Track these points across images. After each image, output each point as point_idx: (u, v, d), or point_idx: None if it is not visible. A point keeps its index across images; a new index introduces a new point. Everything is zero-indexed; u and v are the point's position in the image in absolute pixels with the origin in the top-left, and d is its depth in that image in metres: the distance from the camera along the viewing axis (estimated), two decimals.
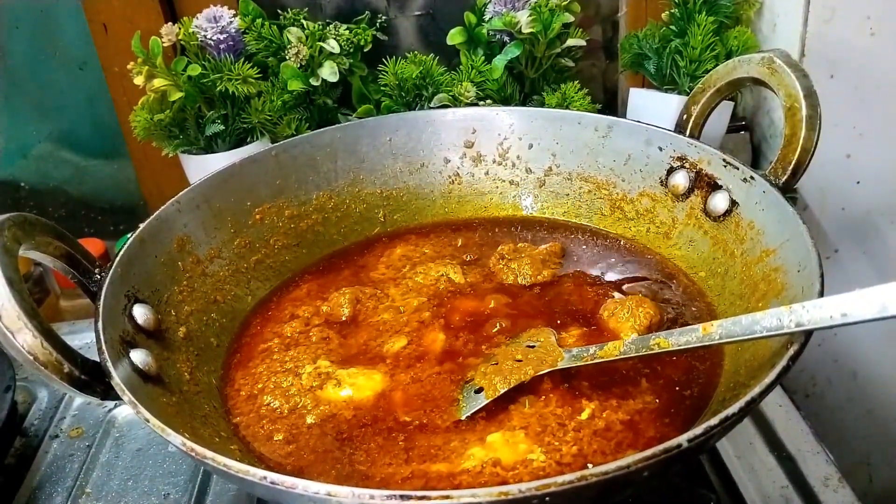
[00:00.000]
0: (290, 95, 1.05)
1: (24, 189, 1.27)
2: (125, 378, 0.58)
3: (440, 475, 0.59)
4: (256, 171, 0.86)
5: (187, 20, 1.02)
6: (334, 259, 0.89)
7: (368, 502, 0.45)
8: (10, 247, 0.58)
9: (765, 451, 0.77)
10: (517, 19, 1.02)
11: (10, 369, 0.84)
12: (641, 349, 0.61)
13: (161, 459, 0.81)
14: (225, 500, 0.76)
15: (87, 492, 0.78)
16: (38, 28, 1.17)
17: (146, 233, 0.73)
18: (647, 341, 0.61)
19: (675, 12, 1.08)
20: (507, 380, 0.65)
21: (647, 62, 1.11)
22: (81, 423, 0.87)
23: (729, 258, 0.75)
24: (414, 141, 0.93)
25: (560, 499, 0.45)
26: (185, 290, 0.75)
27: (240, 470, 0.48)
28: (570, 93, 1.05)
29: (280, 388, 0.69)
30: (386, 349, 0.73)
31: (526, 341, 0.70)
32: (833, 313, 0.50)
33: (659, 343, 0.60)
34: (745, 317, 0.55)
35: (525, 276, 0.81)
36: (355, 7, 1.16)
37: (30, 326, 0.55)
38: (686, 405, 0.64)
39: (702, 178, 0.80)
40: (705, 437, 0.47)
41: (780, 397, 0.83)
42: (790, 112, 0.72)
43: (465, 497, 0.44)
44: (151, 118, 1.00)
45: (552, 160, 0.91)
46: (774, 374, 0.51)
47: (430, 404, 0.66)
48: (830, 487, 0.73)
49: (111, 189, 1.29)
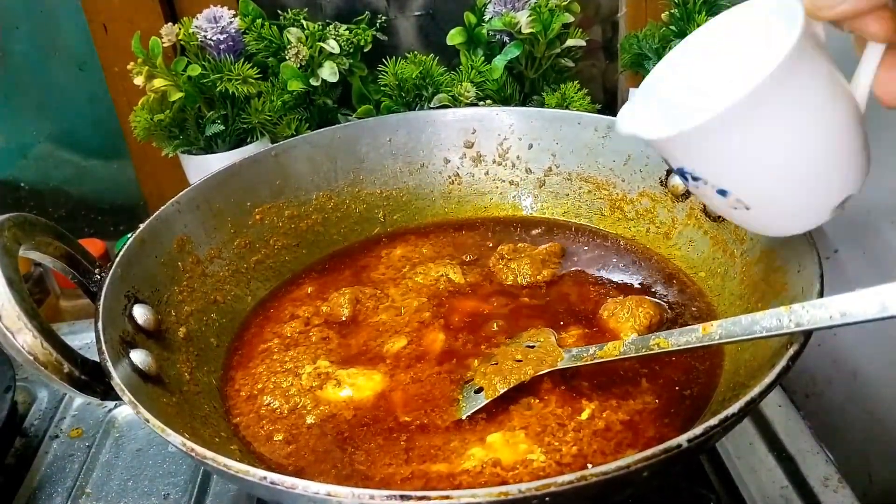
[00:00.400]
0: (290, 96, 1.05)
1: (24, 189, 1.27)
2: (125, 378, 0.58)
3: (440, 475, 0.59)
4: (256, 172, 0.86)
5: (187, 20, 1.02)
6: (334, 259, 0.89)
7: (368, 502, 0.45)
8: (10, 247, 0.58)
9: (765, 451, 0.77)
10: (517, 19, 1.02)
11: (10, 369, 0.84)
12: (641, 349, 0.61)
13: (161, 460, 0.81)
14: (225, 500, 0.76)
15: (87, 492, 0.78)
16: (38, 28, 1.17)
17: (146, 233, 0.73)
18: (647, 341, 0.61)
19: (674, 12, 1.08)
20: (507, 380, 0.65)
21: (647, 62, 1.11)
22: (81, 424, 0.87)
23: (729, 258, 0.75)
24: (414, 141, 0.93)
25: (560, 499, 0.45)
26: (185, 291, 0.75)
27: (240, 470, 0.48)
28: (570, 93, 1.05)
29: (280, 389, 0.69)
30: (386, 349, 0.73)
31: (526, 341, 0.70)
32: (833, 313, 0.50)
33: (659, 343, 0.60)
34: (745, 317, 0.55)
35: (525, 276, 0.81)
36: (355, 7, 1.16)
37: (30, 327, 0.55)
38: (686, 405, 0.64)
39: None
40: (705, 437, 0.47)
41: (780, 397, 0.83)
42: None
43: (465, 497, 0.44)
44: (151, 118, 0.99)
45: (552, 160, 0.91)
46: (774, 374, 0.51)
47: (430, 404, 0.66)
48: (830, 487, 0.73)
49: (111, 189, 1.29)
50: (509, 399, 0.64)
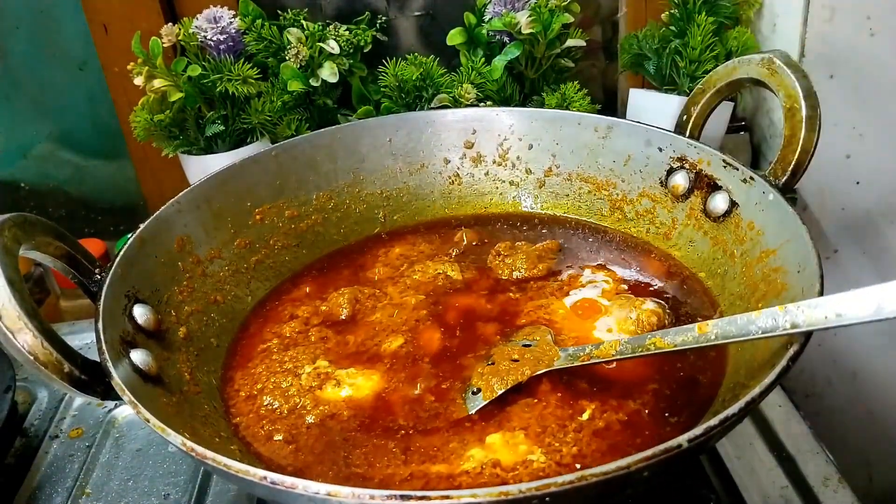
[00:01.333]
0: (290, 96, 1.05)
1: (24, 189, 1.27)
2: (125, 378, 0.58)
3: (440, 476, 0.59)
4: (256, 172, 0.86)
5: (187, 21, 1.02)
6: (334, 259, 0.89)
7: (369, 502, 0.45)
8: (11, 247, 0.58)
9: (765, 451, 0.77)
10: (517, 20, 1.02)
11: (10, 369, 0.84)
12: (638, 349, 0.61)
13: (161, 460, 0.81)
14: (225, 500, 0.76)
15: (87, 492, 0.78)
16: (38, 28, 1.17)
17: (146, 233, 0.73)
18: (644, 341, 0.61)
19: (674, 13, 1.08)
20: (505, 380, 0.65)
21: (647, 62, 1.11)
22: (81, 424, 0.87)
23: (729, 259, 0.75)
24: (414, 141, 0.93)
25: (560, 499, 0.45)
26: (186, 291, 0.75)
27: (240, 470, 0.48)
28: (570, 93, 1.05)
29: (279, 389, 0.69)
30: (384, 348, 0.73)
31: (522, 339, 0.70)
32: (828, 314, 0.50)
33: (655, 343, 0.60)
34: (741, 316, 0.55)
35: (520, 271, 0.81)
36: (355, 7, 1.16)
37: (30, 327, 0.55)
38: (686, 405, 0.64)
39: (701, 178, 0.80)
40: (705, 437, 0.47)
41: (780, 397, 0.83)
42: (790, 113, 0.72)
43: (465, 497, 0.44)
44: (151, 118, 1.00)
45: (552, 161, 0.91)
46: (774, 374, 0.51)
47: (430, 404, 0.66)
48: (830, 487, 0.73)
49: (111, 189, 1.29)
50: (509, 400, 0.64)
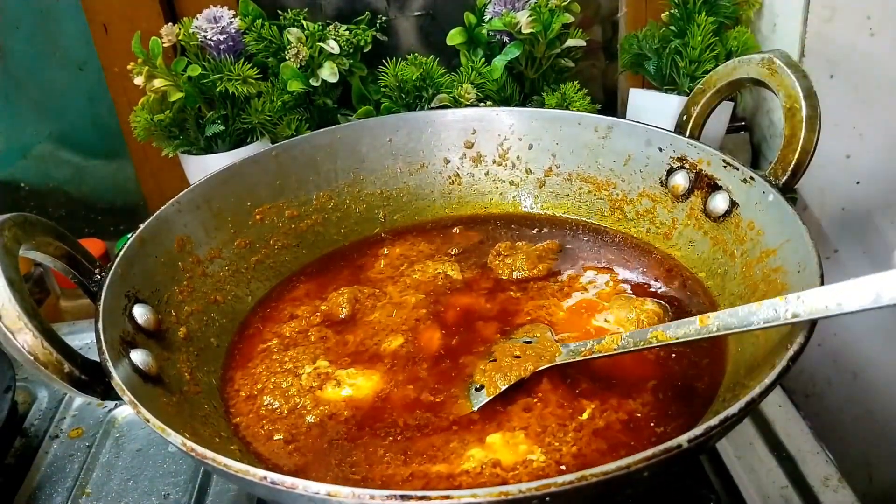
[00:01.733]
0: (290, 96, 1.05)
1: (24, 189, 1.27)
2: (125, 378, 0.58)
3: (440, 476, 0.59)
4: (256, 172, 0.86)
5: (187, 21, 1.02)
6: (334, 259, 0.89)
7: (369, 502, 0.45)
8: (11, 247, 0.58)
9: (765, 451, 0.77)
10: (517, 20, 1.02)
11: (10, 369, 0.84)
12: (639, 343, 0.61)
13: (161, 459, 0.81)
14: (225, 500, 0.76)
15: (87, 492, 0.78)
16: (38, 28, 1.17)
17: (146, 233, 0.73)
18: (645, 334, 0.61)
19: (674, 12, 1.08)
20: (508, 377, 0.65)
21: (647, 62, 1.11)
22: (81, 424, 0.87)
23: (729, 259, 0.75)
24: (414, 141, 0.93)
25: (560, 499, 0.45)
26: (186, 291, 0.75)
27: (240, 470, 0.48)
28: (570, 93, 1.05)
29: (280, 389, 0.69)
30: (384, 348, 0.73)
31: (522, 336, 0.70)
32: (829, 303, 0.50)
33: (657, 336, 0.60)
34: (742, 308, 0.55)
35: (520, 271, 0.81)
36: (355, 7, 1.16)
37: (30, 327, 0.55)
38: (686, 405, 0.64)
39: (702, 178, 0.80)
40: (705, 437, 0.47)
41: (780, 397, 0.83)
42: (790, 113, 0.72)
43: (466, 497, 0.44)
44: (151, 118, 1.00)
45: (552, 161, 0.91)
46: (774, 374, 0.51)
47: (430, 403, 0.66)
48: (830, 487, 0.73)
49: (111, 189, 1.29)
50: (509, 400, 0.64)
